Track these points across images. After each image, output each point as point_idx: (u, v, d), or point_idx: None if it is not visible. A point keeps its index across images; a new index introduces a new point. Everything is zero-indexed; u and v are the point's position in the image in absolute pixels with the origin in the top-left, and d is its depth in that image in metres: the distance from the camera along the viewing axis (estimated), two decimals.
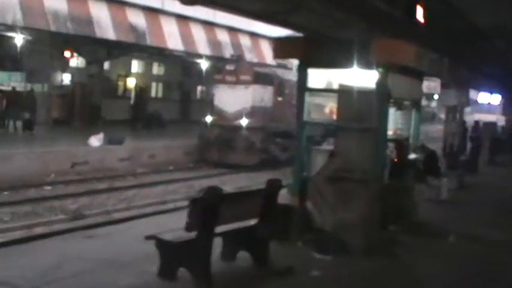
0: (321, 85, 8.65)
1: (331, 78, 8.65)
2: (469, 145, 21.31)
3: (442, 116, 35.17)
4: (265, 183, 6.81)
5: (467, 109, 70.00)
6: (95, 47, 26.34)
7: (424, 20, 7.60)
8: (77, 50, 27.54)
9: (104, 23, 20.23)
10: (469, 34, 13.83)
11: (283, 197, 8.90)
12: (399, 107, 8.66)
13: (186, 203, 15.18)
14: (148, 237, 6.29)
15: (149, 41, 22.33)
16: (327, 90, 8.68)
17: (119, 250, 7.75)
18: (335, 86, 8.57)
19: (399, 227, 9.25)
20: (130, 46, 25.43)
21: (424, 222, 10.23)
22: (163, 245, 6.19)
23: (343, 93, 8.33)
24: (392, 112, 9.39)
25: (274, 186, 6.77)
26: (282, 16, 12.91)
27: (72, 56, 24.16)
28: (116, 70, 32.28)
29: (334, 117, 8.50)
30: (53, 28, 18.78)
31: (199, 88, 38.00)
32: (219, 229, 6.35)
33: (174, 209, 14.63)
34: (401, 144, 9.44)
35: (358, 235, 7.81)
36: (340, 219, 7.82)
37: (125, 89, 33.18)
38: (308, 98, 8.53)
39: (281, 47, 8.37)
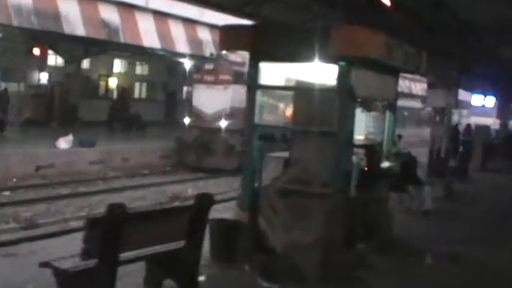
0: (278, 82, 7.44)
1: (290, 74, 7.45)
2: (461, 150, 20.20)
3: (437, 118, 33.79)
4: (194, 199, 5.63)
5: (464, 112, 69.11)
6: (71, 45, 25.18)
7: (391, 3, 6.44)
8: (54, 47, 26.42)
9: (73, 19, 19.04)
10: (457, 28, 12.72)
11: (233, 211, 7.78)
12: (367, 107, 7.47)
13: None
14: (43, 265, 5.10)
15: (123, 38, 21.14)
16: (282, 88, 7.48)
17: (33, 273, 6.58)
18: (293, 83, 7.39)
19: (370, 245, 8.04)
20: (108, 44, 24.30)
21: (400, 238, 9.02)
22: (59, 274, 5.00)
23: (301, 92, 7.16)
24: (363, 114, 8.22)
25: (203, 202, 5.59)
26: (250, 8, 11.77)
27: (42, 53, 23.04)
28: (97, 69, 31.15)
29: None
30: (15, 23, 17.59)
31: (185, 88, 36.75)
32: (139, 253, 5.22)
33: None
34: (373, 151, 8.23)
35: (314, 259, 6.62)
36: (293, 240, 6.63)
37: (107, 89, 31.97)
38: (262, 97, 7.33)
39: (227, 37, 7.18)
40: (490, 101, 25.47)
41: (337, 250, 6.98)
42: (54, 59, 28.77)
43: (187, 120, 22.35)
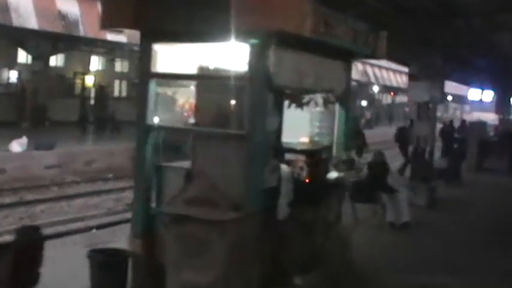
0: (179, 70, 5.66)
1: (195, 59, 5.67)
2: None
3: (438, 113, 32.16)
4: (15, 234, 3.89)
5: (466, 107, 67.23)
6: (38, 41, 23.50)
7: None
8: (21, 43, 24.78)
9: (23, 10, 17.31)
10: (439, 11, 10.93)
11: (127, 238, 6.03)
12: (297, 101, 5.69)
13: (103, 220, 12.51)
14: None
15: (83, 31, 19.33)
16: (182, 77, 5.69)
17: None
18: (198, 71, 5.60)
19: (312, 279, 6.27)
20: (79, 39, 22.60)
21: (359, 266, 7.18)
22: None
23: (206, 82, 5.41)
24: (307, 111, 6.48)
25: (27, 239, 3.85)
26: None
27: None
28: (72, 67, 29.41)
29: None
30: None
31: None
32: None
33: (83, 230, 12.00)
34: (316, 158, 6.44)
35: None
36: (186, 281, 4.87)
37: (83, 88, 30.18)
38: (157, 90, 5.59)
39: (108, 11, 5.44)
40: (488, 95, 23.57)
41: None
42: (25, 56, 27.09)
43: (156, 120, 20.55)
